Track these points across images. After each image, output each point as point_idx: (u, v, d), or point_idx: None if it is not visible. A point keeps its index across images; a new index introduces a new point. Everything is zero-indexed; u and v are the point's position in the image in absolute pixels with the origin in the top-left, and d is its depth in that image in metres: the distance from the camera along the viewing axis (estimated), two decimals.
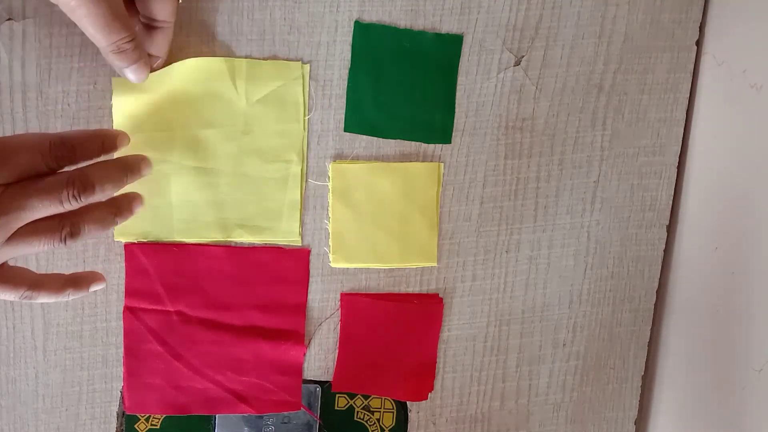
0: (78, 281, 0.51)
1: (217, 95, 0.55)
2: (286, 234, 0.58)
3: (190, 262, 0.57)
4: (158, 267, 0.57)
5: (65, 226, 0.47)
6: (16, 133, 0.52)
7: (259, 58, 0.55)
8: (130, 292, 0.57)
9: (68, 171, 0.47)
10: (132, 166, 0.52)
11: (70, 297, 0.50)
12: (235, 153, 0.56)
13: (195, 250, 0.57)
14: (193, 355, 0.59)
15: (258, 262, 0.58)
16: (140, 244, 0.57)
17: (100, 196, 0.48)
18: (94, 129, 0.53)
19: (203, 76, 0.55)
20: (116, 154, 0.53)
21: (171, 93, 0.55)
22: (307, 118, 0.56)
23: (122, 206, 0.52)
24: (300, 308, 0.59)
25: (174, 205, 0.56)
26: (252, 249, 0.58)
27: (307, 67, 0.56)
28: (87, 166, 0.48)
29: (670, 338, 0.63)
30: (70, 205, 0.46)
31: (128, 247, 0.57)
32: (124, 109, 0.54)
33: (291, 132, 0.56)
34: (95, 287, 0.52)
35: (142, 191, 0.55)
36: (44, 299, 0.49)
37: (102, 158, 0.50)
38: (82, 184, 0.47)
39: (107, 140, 0.50)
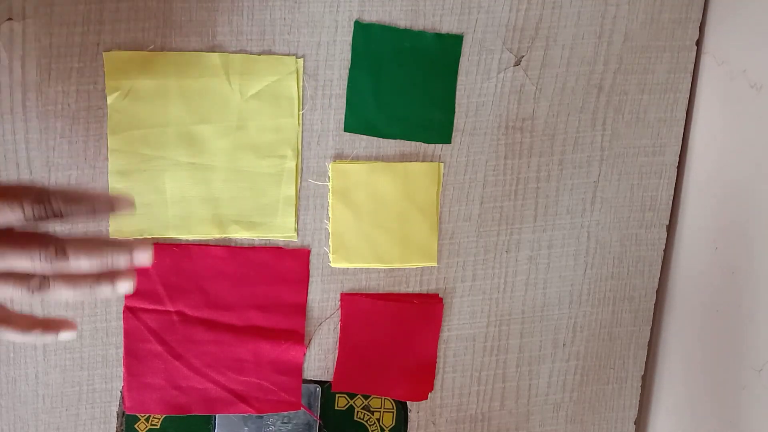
0: (48, 325, 0.47)
1: (211, 90, 0.55)
2: (282, 230, 0.58)
3: (191, 262, 0.57)
4: (158, 267, 0.57)
5: (36, 277, 0.44)
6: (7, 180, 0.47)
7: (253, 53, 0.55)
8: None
9: (50, 234, 0.44)
10: (122, 248, 0.45)
11: (36, 339, 0.46)
12: (230, 148, 0.56)
13: (195, 250, 0.57)
14: (193, 355, 0.59)
15: (258, 262, 0.58)
16: None
17: (73, 266, 0.44)
18: (86, 188, 0.47)
19: (197, 72, 0.55)
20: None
21: (165, 88, 0.55)
22: (301, 113, 0.56)
23: (103, 278, 0.46)
24: (300, 308, 0.59)
25: (169, 201, 0.56)
26: (252, 249, 0.58)
27: (300, 61, 0.56)
28: (71, 236, 0.45)
29: (670, 338, 0.63)
30: (40, 265, 0.44)
31: None
32: (119, 106, 0.54)
33: (285, 127, 0.56)
34: (66, 335, 0.47)
35: (136, 186, 0.55)
36: (9, 336, 0.45)
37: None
38: (56, 249, 0.44)
39: (99, 203, 0.44)
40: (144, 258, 0.46)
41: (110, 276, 0.46)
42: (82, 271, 0.45)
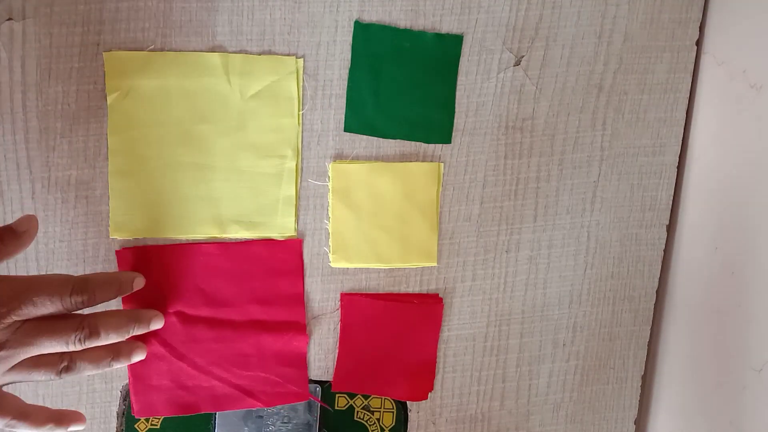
0: (60, 419, 0.52)
1: (211, 90, 0.55)
2: (282, 229, 0.58)
3: (185, 262, 0.57)
4: (153, 268, 0.57)
5: (64, 361, 0.50)
6: (42, 274, 0.55)
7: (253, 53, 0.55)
8: (127, 296, 0.57)
9: (80, 315, 0.50)
10: (141, 320, 0.54)
11: None
12: (230, 148, 0.56)
13: (188, 249, 0.57)
14: (196, 354, 0.59)
15: (252, 256, 0.58)
16: (133, 248, 0.57)
17: (104, 342, 0.51)
18: (112, 273, 0.56)
19: (197, 72, 0.55)
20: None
21: (165, 88, 0.55)
22: (301, 113, 0.56)
23: (122, 352, 0.54)
24: (298, 298, 0.59)
25: (168, 201, 0.56)
26: (244, 243, 0.58)
27: (300, 61, 0.56)
28: (98, 314, 0.51)
29: (670, 338, 0.63)
30: (74, 347, 0.49)
31: (120, 253, 0.56)
32: (119, 106, 0.54)
33: (285, 127, 0.56)
34: (75, 427, 0.52)
35: (137, 187, 0.55)
36: (25, 431, 0.50)
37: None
38: (90, 331, 0.50)
39: (123, 285, 0.53)
40: (159, 325, 0.56)
41: (127, 348, 0.54)
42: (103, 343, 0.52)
